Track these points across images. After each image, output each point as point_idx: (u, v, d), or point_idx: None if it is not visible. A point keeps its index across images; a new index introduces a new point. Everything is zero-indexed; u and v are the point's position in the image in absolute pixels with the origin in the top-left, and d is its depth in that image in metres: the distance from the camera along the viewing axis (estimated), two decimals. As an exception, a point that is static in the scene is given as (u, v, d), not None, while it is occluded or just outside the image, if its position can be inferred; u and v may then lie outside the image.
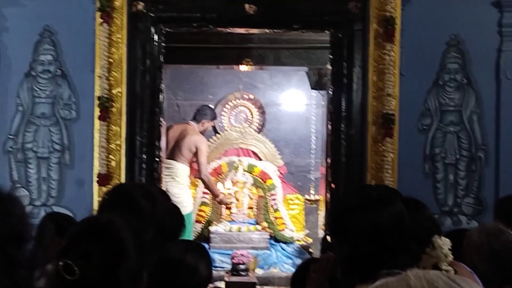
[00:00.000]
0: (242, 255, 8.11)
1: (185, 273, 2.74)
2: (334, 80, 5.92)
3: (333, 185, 5.83)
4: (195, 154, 8.31)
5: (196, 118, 8.59)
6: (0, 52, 5.70)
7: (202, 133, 8.61)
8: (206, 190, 8.90)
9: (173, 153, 8.29)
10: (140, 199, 2.83)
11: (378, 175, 5.56)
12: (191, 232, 8.40)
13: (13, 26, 5.71)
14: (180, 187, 8.34)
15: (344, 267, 2.42)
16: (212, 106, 9.24)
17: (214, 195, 8.68)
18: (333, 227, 2.43)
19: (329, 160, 6.03)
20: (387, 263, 2.25)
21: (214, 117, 8.78)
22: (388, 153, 5.57)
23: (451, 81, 5.79)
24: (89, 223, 2.09)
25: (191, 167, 8.46)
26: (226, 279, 7.85)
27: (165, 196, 3.37)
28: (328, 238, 2.52)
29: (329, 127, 6.02)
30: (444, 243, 2.67)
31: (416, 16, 5.73)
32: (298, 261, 7.53)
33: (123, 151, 5.59)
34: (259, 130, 9.68)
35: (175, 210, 3.29)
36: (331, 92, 6.01)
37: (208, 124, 8.66)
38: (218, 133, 9.51)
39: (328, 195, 6.08)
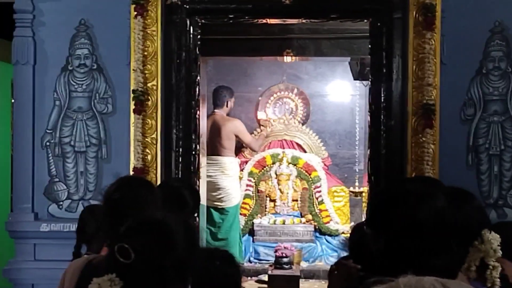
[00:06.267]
0: (285, 248, 8.05)
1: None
2: (374, 70, 5.78)
3: (372, 178, 5.69)
4: (238, 139, 8.31)
5: (218, 104, 8.46)
6: (37, 46, 5.72)
7: (229, 114, 8.53)
8: (250, 183, 8.87)
9: (215, 148, 8.22)
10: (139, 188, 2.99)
11: (418, 167, 5.42)
12: (238, 223, 8.38)
13: (50, 20, 5.72)
14: (230, 180, 8.31)
15: (379, 261, 2.33)
16: (257, 96, 9.17)
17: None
18: (371, 219, 2.34)
19: (368, 152, 5.90)
20: (424, 261, 2.16)
21: (232, 92, 8.66)
22: (429, 145, 5.42)
23: (495, 70, 5.61)
24: (144, 219, 2.16)
25: (238, 155, 8.41)
26: (269, 272, 7.80)
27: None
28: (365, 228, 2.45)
29: (368, 118, 5.88)
30: (494, 238, 2.56)
31: (458, 2, 5.55)
32: (343, 254, 7.42)
33: (159, 145, 5.55)
34: (304, 122, 9.59)
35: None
36: (370, 82, 5.88)
37: (231, 102, 8.58)
38: (262, 126, 9.45)
39: (368, 188, 5.96)
